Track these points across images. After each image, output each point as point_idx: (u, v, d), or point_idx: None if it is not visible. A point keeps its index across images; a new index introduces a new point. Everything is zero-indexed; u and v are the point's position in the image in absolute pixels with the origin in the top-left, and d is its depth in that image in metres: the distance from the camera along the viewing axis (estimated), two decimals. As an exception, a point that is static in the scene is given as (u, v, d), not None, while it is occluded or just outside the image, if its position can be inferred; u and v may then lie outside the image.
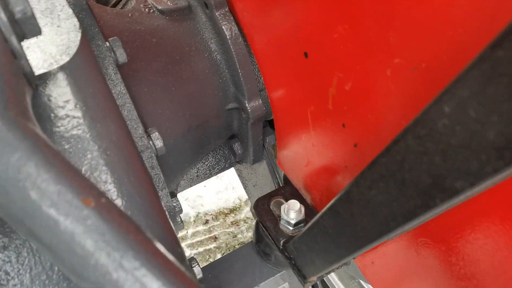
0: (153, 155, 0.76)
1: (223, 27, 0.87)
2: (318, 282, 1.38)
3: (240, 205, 2.48)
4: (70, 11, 0.62)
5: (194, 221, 2.42)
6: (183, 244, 2.34)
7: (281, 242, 0.87)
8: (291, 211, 0.86)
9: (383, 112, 0.60)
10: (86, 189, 0.34)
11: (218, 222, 2.41)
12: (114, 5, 0.96)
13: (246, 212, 2.44)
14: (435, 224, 0.59)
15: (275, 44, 0.82)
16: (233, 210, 2.46)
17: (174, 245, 0.62)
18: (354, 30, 0.58)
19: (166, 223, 0.63)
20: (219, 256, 2.27)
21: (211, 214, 2.45)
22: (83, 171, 0.57)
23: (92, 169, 0.57)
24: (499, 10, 0.39)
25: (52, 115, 0.56)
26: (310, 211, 0.92)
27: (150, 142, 0.76)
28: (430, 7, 0.46)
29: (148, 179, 0.63)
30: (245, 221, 2.42)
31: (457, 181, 0.37)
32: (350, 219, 0.57)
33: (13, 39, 0.42)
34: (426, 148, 0.38)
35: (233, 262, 0.94)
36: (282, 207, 0.88)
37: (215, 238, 2.34)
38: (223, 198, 2.52)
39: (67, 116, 0.56)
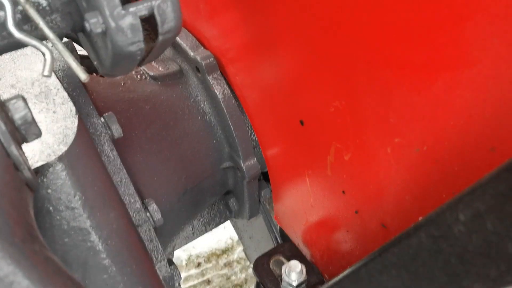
0: (151, 227, 0.74)
1: (215, 90, 0.87)
2: None
3: (232, 245, 2.45)
4: (65, 94, 0.62)
5: (186, 264, 2.37)
6: (175, 289, 2.29)
7: (284, 304, 0.86)
8: (293, 273, 0.85)
9: (384, 184, 0.60)
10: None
11: (211, 265, 2.36)
12: (105, 73, 0.95)
13: (239, 252, 2.41)
14: None
15: (268, 107, 0.82)
16: (225, 251, 2.42)
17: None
18: (351, 106, 0.58)
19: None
20: (213, 300, 2.22)
21: (203, 256, 2.40)
22: (83, 263, 0.55)
23: (94, 260, 0.55)
24: (502, 105, 0.40)
25: (51, 208, 0.54)
26: (311, 269, 0.91)
27: (148, 214, 0.75)
28: (431, 93, 0.47)
29: (148, 263, 0.62)
30: (238, 262, 2.38)
31: (475, 283, 0.36)
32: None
33: (13, 149, 0.42)
34: (441, 248, 0.38)
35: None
36: (283, 268, 0.87)
37: (208, 282, 2.29)
38: (214, 239, 2.48)
39: (67, 208, 0.55)
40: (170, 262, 0.88)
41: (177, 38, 0.91)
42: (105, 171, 0.62)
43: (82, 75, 0.47)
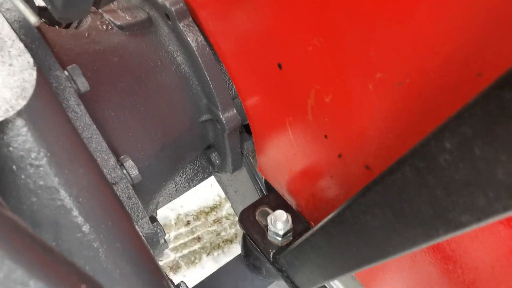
0: (129, 185, 0.71)
1: (188, 38, 0.82)
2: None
3: (221, 202, 2.45)
4: (21, 45, 0.57)
5: (176, 223, 2.38)
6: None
7: (271, 253, 0.85)
8: (279, 222, 0.84)
9: (367, 124, 0.57)
10: (64, 278, 0.30)
11: (200, 222, 2.37)
12: (68, 25, 0.89)
13: (227, 208, 2.42)
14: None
15: (245, 53, 0.78)
16: (213, 208, 2.43)
17: (162, 286, 0.59)
18: (329, 43, 0.55)
19: (151, 264, 0.59)
20: (204, 256, 2.25)
21: (192, 215, 2.41)
22: (55, 223, 0.52)
23: (66, 220, 0.52)
24: (488, 27, 0.37)
25: (14, 166, 0.51)
26: (296, 217, 0.90)
27: (124, 171, 0.71)
28: (413, 20, 0.43)
29: (126, 219, 0.59)
30: (227, 218, 2.39)
31: (462, 215, 0.35)
32: (344, 240, 0.55)
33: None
34: (426, 181, 0.36)
35: (224, 279, 0.92)
36: (269, 218, 0.85)
37: (198, 239, 2.30)
38: (202, 197, 2.48)
39: (31, 166, 0.51)
40: (153, 220, 0.86)
41: (144, -16, 0.85)
42: (71, 126, 0.58)
43: (32, 18, 0.43)
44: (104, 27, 0.84)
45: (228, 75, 0.90)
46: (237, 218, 2.38)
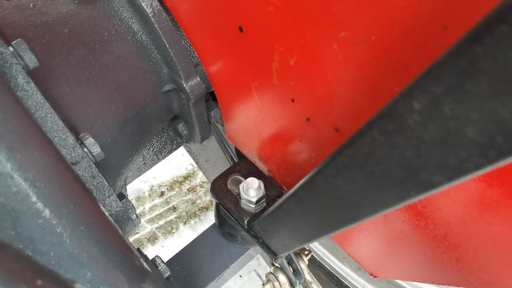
0: (91, 163, 0.68)
1: (142, 3, 0.77)
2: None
3: (194, 171, 2.43)
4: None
5: (149, 195, 2.35)
6: (142, 220, 2.29)
7: (245, 221, 0.84)
8: (251, 190, 0.82)
9: (334, 85, 0.55)
10: (16, 275, 0.28)
11: (174, 192, 2.35)
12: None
13: (201, 176, 2.40)
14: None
15: (204, 17, 0.74)
16: (187, 177, 2.41)
17: (133, 264, 0.57)
18: (291, 2, 0.52)
19: (120, 243, 0.57)
20: (181, 226, 2.25)
21: (166, 185, 2.38)
22: (12, 211, 0.49)
23: (23, 206, 0.49)
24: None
25: (-41, 155, 0.47)
26: (269, 183, 0.89)
27: (85, 149, 0.68)
28: (375, -27, 0.41)
29: (90, 201, 0.57)
30: (201, 186, 2.38)
31: (433, 176, 0.34)
32: (317, 204, 0.54)
33: None
34: (396, 143, 0.35)
35: (199, 249, 0.91)
36: (241, 186, 0.84)
37: (174, 208, 2.29)
38: (175, 167, 2.45)
39: (-22, 153, 0.47)
40: (122, 196, 0.83)
41: None
42: (21, 106, 0.54)
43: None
44: (50, -5, 0.78)
45: (188, 42, 0.86)
46: (211, 186, 2.37)
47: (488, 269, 0.54)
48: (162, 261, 0.82)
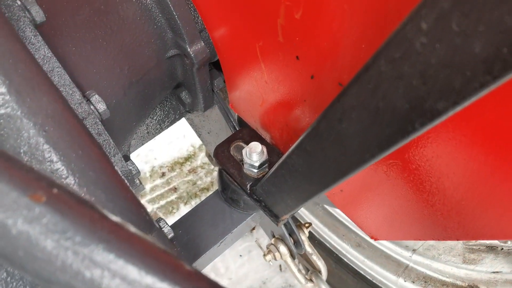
0: (98, 120, 0.69)
1: (147, -35, 0.78)
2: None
3: (195, 152, 2.44)
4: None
5: (150, 175, 2.36)
6: (143, 201, 2.30)
7: (248, 186, 0.85)
8: (253, 154, 0.83)
9: (339, 37, 0.56)
10: (33, 182, 0.29)
11: (175, 173, 2.37)
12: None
13: (202, 157, 2.41)
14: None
15: (209, -23, 0.74)
16: (188, 159, 2.42)
17: (140, 213, 0.58)
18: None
19: (127, 192, 0.58)
20: (182, 206, 2.26)
21: (167, 166, 2.39)
22: (22, 154, 0.50)
23: (32, 149, 0.50)
24: None
25: (-30, 95, 0.48)
26: (271, 150, 0.90)
27: (91, 107, 0.69)
28: None
29: (98, 149, 0.57)
30: (202, 167, 2.39)
31: (438, 102, 0.34)
32: (321, 154, 0.55)
33: None
34: (402, 72, 0.36)
35: (202, 214, 0.92)
36: (243, 151, 0.85)
37: (175, 189, 2.30)
38: (175, 148, 2.46)
39: (-13, 95, 0.48)
40: (127, 158, 0.84)
41: None
42: (30, 55, 0.55)
43: None
44: (56, -44, 0.78)
45: (193, 6, 0.86)
46: (212, 167, 2.38)
47: (482, 219, 0.55)
48: (166, 223, 0.83)
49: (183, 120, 1.37)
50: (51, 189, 0.29)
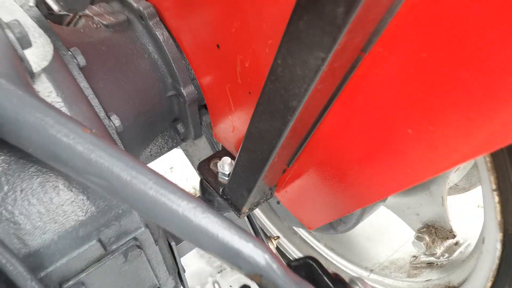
0: (114, 131, 1.01)
1: (156, 33, 1.14)
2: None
3: (196, 194, 2.74)
4: (41, 31, 0.87)
5: (155, 213, 2.65)
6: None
7: (221, 190, 1.15)
8: (225, 165, 1.14)
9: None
10: (81, 124, 0.60)
11: (177, 211, 2.65)
12: (67, 24, 1.20)
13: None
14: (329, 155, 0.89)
15: (196, 42, 1.09)
16: (189, 199, 2.71)
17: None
18: (239, 22, 0.86)
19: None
20: (181, 240, 2.52)
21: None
22: (68, 139, 0.82)
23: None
24: None
25: (42, 102, 0.80)
26: (241, 166, 1.20)
27: (111, 122, 1.01)
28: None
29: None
30: (201, 207, 2.67)
31: (292, 101, 0.66)
32: (253, 148, 0.85)
33: (19, 49, 0.68)
34: (277, 87, 0.68)
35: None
36: (218, 163, 1.16)
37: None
38: (179, 190, 2.76)
39: (52, 102, 0.81)
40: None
41: (123, -6, 1.17)
42: (75, 82, 0.88)
43: (55, 6, 0.73)
44: (95, 26, 1.15)
45: (187, 61, 1.21)
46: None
47: (369, 186, 0.84)
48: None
49: (188, 165, 1.70)
50: (91, 130, 0.61)
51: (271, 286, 0.57)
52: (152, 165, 1.14)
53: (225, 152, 1.25)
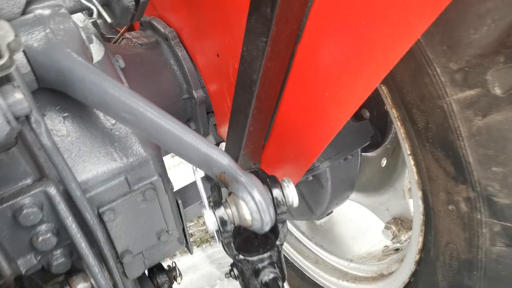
0: (141, 115, 1.39)
1: (177, 50, 1.55)
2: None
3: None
4: (97, 39, 1.29)
5: (173, 225, 2.98)
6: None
7: (218, 168, 1.50)
8: (222, 148, 1.50)
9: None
10: (122, 82, 0.99)
11: (193, 223, 2.98)
12: (114, 42, 1.64)
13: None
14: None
15: (204, 56, 1.49)
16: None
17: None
18: (232, 35, 1.25)
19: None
20: (195, 248, 2.83)
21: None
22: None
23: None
24: None
25: (94, 83, 1.20)
26: (236, 153, 1.55)
27: (139, 109, 1.40)
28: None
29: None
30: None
31: (253, 75, 1.03)
32: (235, 120, 1.21)
33: (87, 42, 1.08)
34: (245, 67, 1.05)
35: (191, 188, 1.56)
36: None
37: (191, 235, 2.89)
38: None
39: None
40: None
41: (154, 23, 1.60)
42: (117, 76, 1.28)
43: (109, 19, 1.14)
44: (132, 44, 1.58)
45: (199, 73, 1.61)
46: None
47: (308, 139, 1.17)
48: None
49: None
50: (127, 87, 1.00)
51: (230, 179, 0.91)
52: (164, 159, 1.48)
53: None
